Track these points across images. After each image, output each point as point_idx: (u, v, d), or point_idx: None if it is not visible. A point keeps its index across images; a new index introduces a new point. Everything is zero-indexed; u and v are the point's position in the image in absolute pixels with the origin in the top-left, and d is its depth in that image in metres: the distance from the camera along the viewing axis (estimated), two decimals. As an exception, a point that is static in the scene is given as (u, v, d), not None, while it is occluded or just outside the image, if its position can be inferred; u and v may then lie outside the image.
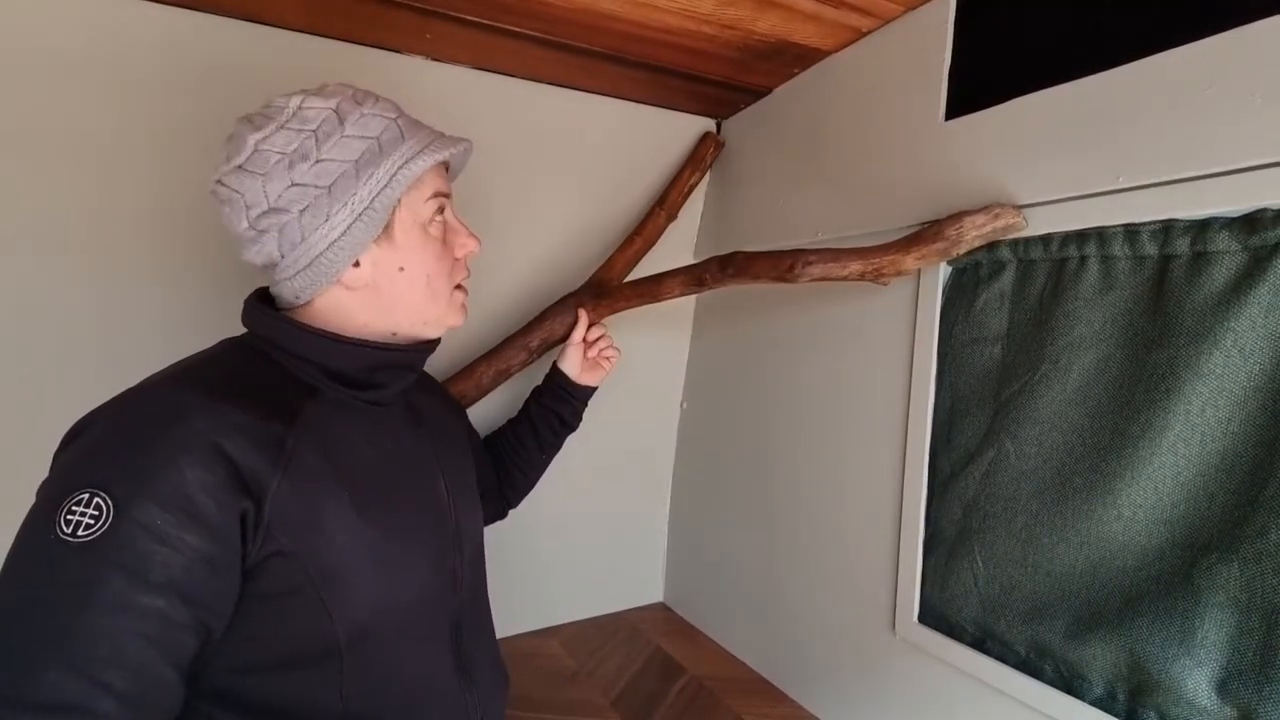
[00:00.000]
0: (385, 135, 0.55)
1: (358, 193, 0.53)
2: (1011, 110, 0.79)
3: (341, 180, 0.53)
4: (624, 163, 1.25)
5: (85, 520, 0.41)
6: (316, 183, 0.52)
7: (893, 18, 0.94)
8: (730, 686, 1.10)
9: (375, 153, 0.54)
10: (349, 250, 0.54)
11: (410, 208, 0.57)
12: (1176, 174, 0.63)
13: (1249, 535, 0.58)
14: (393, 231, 0.56)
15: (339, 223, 0.53)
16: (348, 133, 0.54)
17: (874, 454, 0.94)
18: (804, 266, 0.83)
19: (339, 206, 0.53)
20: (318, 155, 0.52)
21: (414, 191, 0.57)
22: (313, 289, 0.55)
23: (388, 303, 0.58)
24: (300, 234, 0.52)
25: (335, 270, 0.54)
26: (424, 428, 0.66)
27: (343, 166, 0.53)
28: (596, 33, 0.95)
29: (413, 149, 0.56)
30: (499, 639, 0.75)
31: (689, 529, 1.37)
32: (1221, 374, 0.61)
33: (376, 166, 0.54)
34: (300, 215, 0.52)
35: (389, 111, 0.57)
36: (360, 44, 0.97)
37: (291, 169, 0.52)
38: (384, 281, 0.57)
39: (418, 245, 0.58)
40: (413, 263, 0.58)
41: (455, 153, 0.59)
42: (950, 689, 0.81)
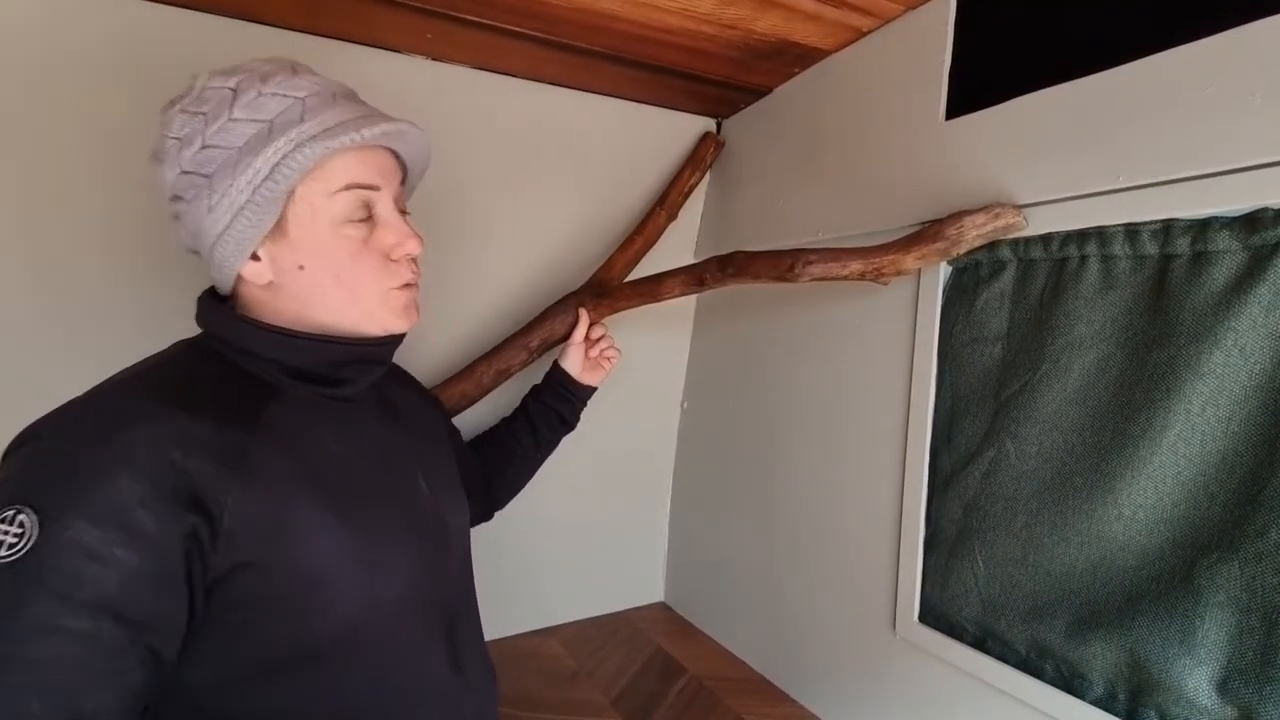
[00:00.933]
0: (281, 117, 0.49)
1: (234, 182, 0.48)
2: (1012, 110, 0.79)
3: (222, 169, 0.48)
4: (624, 162, 1.25)
5: (8, 539, 0.38)
6: (200, 170, 0.48)
7: (893, 17, 0.94)
8: (731, 686, 1.10)
9: (263, 137, 0.48)
10: (236, 245, 0.50)
11: (307, 200, 0.50)
12: (1177, 173, 0.63)
13: (1249, 535, 0.58)
14: (286, 225, 0.51)
15: (221, 216, 0.49)
16: (235, 115, 0.48)
17: (874, 453, 0.94)
18: (804, 266, 0.83)
19: (217, 198, 0.48)
20: (203, 140, 0.48)
21: (314, 183, 0.50)
22: (224, 282, 0.53)
23: (299, 301, 0.53)
24: (195, 224, 0.50)
25: (230, 264, 0.51)
26: (399, 421, 0.63)
27: (224, 154, 0.48)
28: (596, 32, 0.95)
29: (307, 132, 0.49)
30: (499, 639, 0.76)
31: (689, 528, 1.37)
32: (1222, 373, 0.61)
33: (255, 155, 0.48)
34: (190, 205, 0.49)
35: (299, 89, 0.50)
36: (360, 44, 0.97)
37: (180, 155, 0.49)
38: (285, 280, 0.52)
39: (322, 243, 0.52)
40: (314, 262, 0.52)
41: (368, 136, 0.50)
42: (951, 688, 0.81)
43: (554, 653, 1.20)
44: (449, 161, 1.09)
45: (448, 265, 1.12)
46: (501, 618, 1.24)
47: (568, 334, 1.00)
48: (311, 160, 0.49)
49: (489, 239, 1.15)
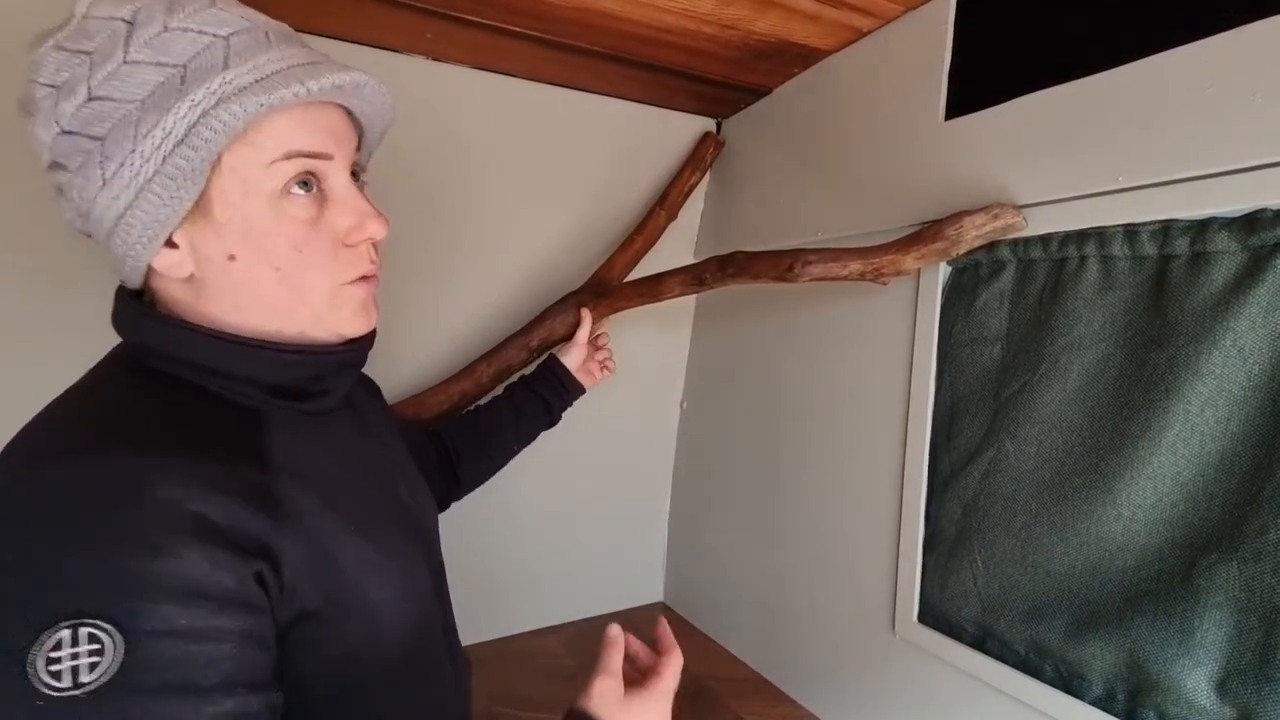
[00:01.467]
0: (198, 60, 0.37)
1: (137, 147, 0.36)
2: (1011, 110, 0.79)
3: (118, 130, 0.36)
4: (624, 162, 1.25)
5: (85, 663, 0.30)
6: (86, 130, 0.36)
7: (893, 17, 0.94)
8: (730, 686, 1.10)
9: (173, 88, 0.36)
10: (144, 229, 0.38)
11: (238, 172, 0.39)
12: (1176, 174, 0.63)
13: (1248, 535, 0.58)
14: (209, 204, 0.39)
15: (119, 191, 0.37)
16: (133, 56, 0.36)
17: (874, 454, 0.94)
18: (804, 266, 0.83)
19: (114, 167, 0.36)
20: (88, 90, 0.36)
21: (244, 148, 0.38)
22: (130, 276, 0.41)
23: (230, 300, 0.41)
24: (84, 201, 0.38)
25: (136, 254, 0.39)
26: (369, 427, 0.56)
27: (120, 108, 0.36)
28: (596, 32, 0.95)
29: (235, 82, 0.37)
30: (500, 638, 0.76)
31: (689, 528, 1.37)
32: (1221, 374, 0.61)
33: (165, 111, 0.36)
34: (76, 176, 0.37)
35: (221, 24, 0.38)
36: (360, 44, 0.97)
37: (57, 108, 0.36)
38: (210, 273, 0.40)
39: (258, 226, 0.40)
40: (248, 250, 0.40)
41: (315, 89, 0.39)
42: (950, 688, 0.81)
43: (554, 652, 1.20)
44: (449, 162, 1.09)
45: (448, 265, 1.12)
46: (501, 617, 1.24)
47: (568, 334, 1.00)
48: (242, 119, 0.37)
49: (489, 239, 1.15)
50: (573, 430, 1.01)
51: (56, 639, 0.30)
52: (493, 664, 1.14)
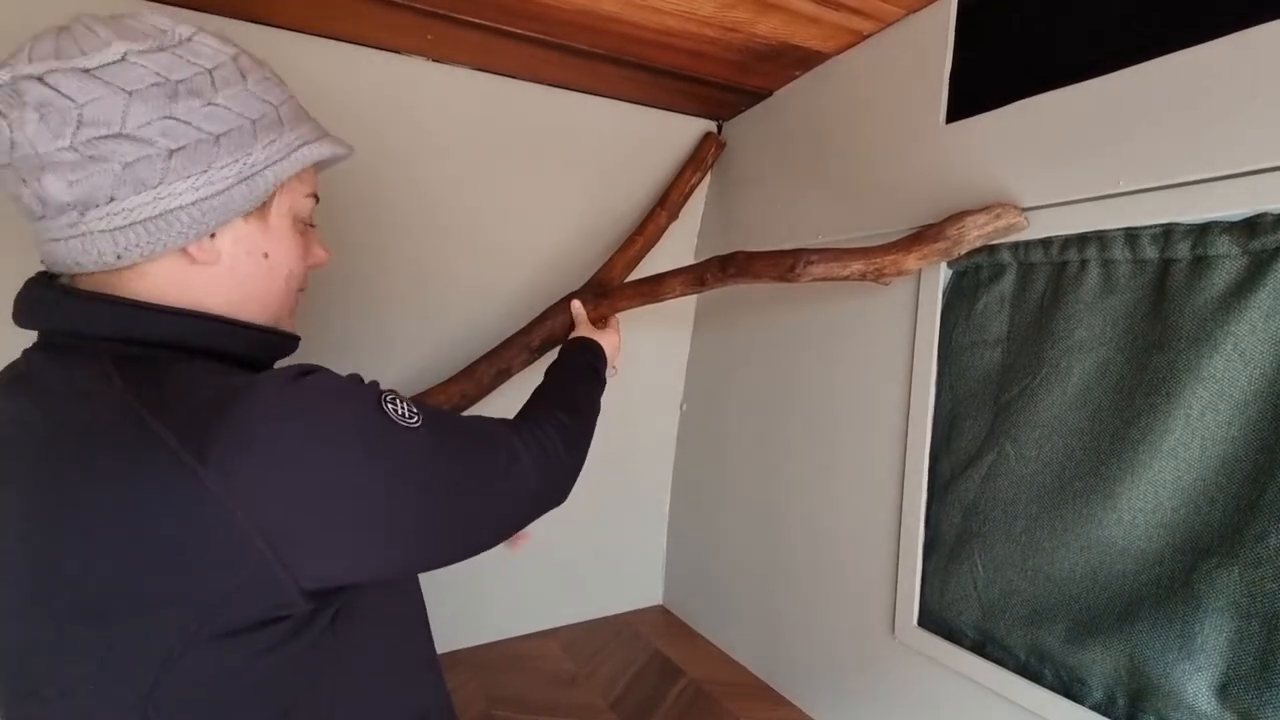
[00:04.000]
0: (285, 108, 0.50)
1: (253, 154, 0.47)
2: (1012, 113, 0.79)
3: (235, 134, 0.46)
4: (625, 164, 1.25)
5: (405, 411, 0.46)
6: (204, 126, 0.44)
7: (894, 20, 0.94)
8: (729, 689, 1.10)
9: (276, 121, 0.48)
10: (216, 214, 0.46)
11: (291, 195, 0.52)
12: (1177, 178, 0.63)
13: (1249, 540, 0.58)
14: (269, 212, 0.50)
15: (219, 179, 0.45)
16: (250, 88, 0.47)
17: (874, 457, 0.94)
18: (805, 266, 0.83)
19: (227, 160, 0.45)
20: (212, 98, 0.45)
21: (297, 181, 0.52)
22: (145, 249, 0.44)
23: (242, 287, 0.50)
24: (159, 176, 0.43)
25: (188, 233, 0.45)
26: None
27: (240, 120, 0.46)
28: (597, 34, 0.95)
29: (314, 132, 0.52)
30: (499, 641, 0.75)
31: (688, 531, 1.36)
32: (1222, 378, 0.61)
33: (278, 135, 0.48)
34: (169, 156, 0.43)
35: (284, 87, 0.51)
36: (360, 44, 0.97)
37: (174, 100, 0.43)
38: (243, 263, 0.49)
39: (288, 237, 0.52)
40: (279, 253, 0.52)
41: (346, 153, 0.55)
42: (950, 693, 0.81)
43: (553, 655, 1.20)
44: (450, 162, 1.09)
45: (448, 266, 1.12)
46: (501, 620, 1.24)
47: (568, 334, 1.00)
48: (315, 158, 0.51)
49: (490, 239, 1.15)
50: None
51: (394, 402, 0.45)
52: (492, 667, 1.14)
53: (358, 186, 1.00)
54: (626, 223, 1.25)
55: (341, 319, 1.03)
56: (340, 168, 0.58)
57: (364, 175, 1.01)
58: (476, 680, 1.09)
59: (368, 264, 1.04)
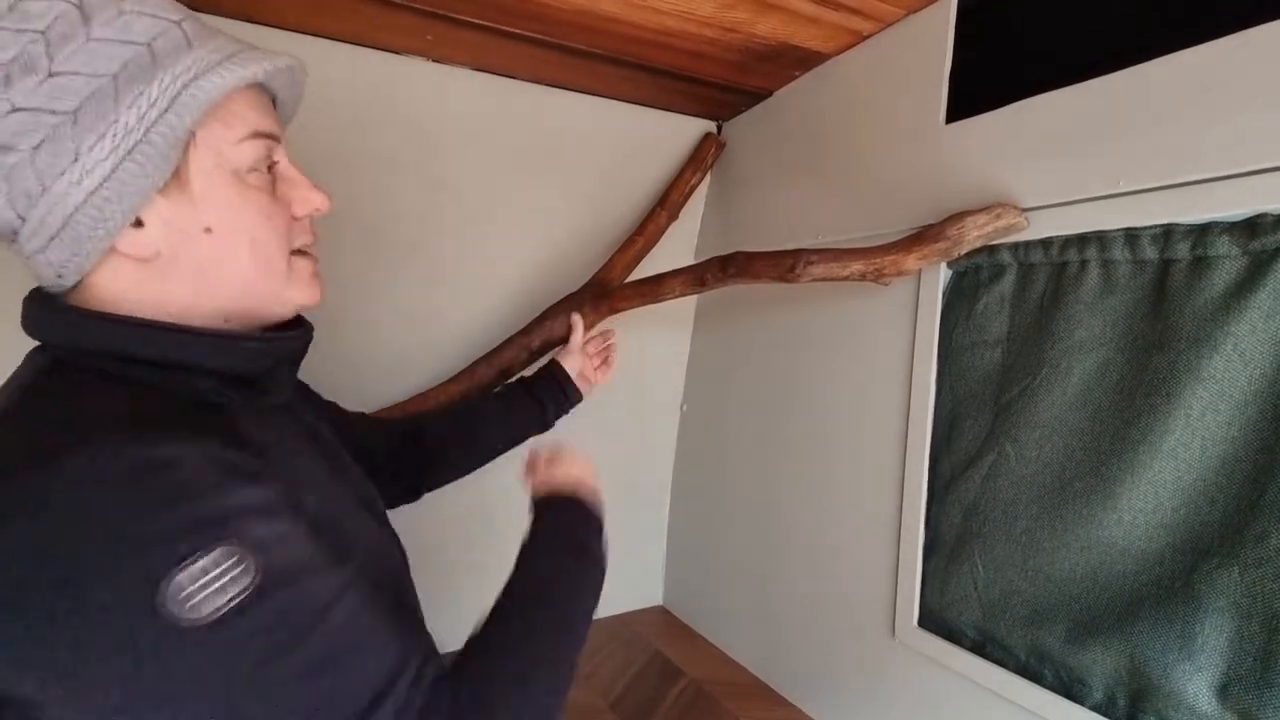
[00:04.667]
0: (160, 41, 0.39)
1: (120, 118, 0.37)
2: (1012, 114, 0.79)
3: (93, 101, 0.37)
4: (625, 164, 1.25)
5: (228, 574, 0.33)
6: (52, 106, 0.36)
7: (893, 21, 0.94)
8: (729, 690, 1.10)
9: (146, 64, 0.38)
10: (121, 202, 0.38)
11: (212, 146, 0.41)
12: (1177, 178, 0.63)
13: (1249, 540, 0.58)
14: (186, 177, 0.40)
15: (95, 162, 0.37)
16: (96, 34, 0.37)
17: (874, 457, 0.94)
18: (805, 266, 0.83)
19: (92, 138, 0.37)
20: (50, 65, 0.36)
21: (216, 125, 0.41)
22: (79, 263, 0.39)
23: (200, 276, 0.42)
24: (38, 182, 0.37)
25: (105, 232, 0.38)
26: (302, 423, 0.54)
27: (94, 82, 0.37)
28: (597, 35, 0.95)
29: (206, 60, 0.40)
30: None
31: (688, 531, 1.36)
32: (1222, 378, 0.61)
33: (147, 82, 0.38)
34: (34, 154, 0.36)
35: (169, 11, 0.40)
36: (360, 45, 0.97)
37: (8, 85, 0.36)
38: (184, 249, 0.41)
39: (231, 198, 0.42)
40: (226, 221, 0.42)
41: (272, 69, 0.43)
42: (950, 693, 0.81)
43: (552, 655, 1.20)
44: (450, 162, 1.09)
45: (448, 266, 1.12)
46: (499, 620, 1.24)
47: (568, 335, 1.00)
48: (220, 92, 0.40)
49: (490, 240, 1.15)
50: (572, 433, 1.01)
51: (197, 561, 0.32)
52: (491, 667, 1.14)
53: (357, 186, 0.99)
54: (626, 223, 1.25)
55: (339, 319, 1.03)
56: (340, 167, 0.55)
57: (363, 175, 1.01)
58: (476, 681, 1.09)
59: (366, 264, 1.04)
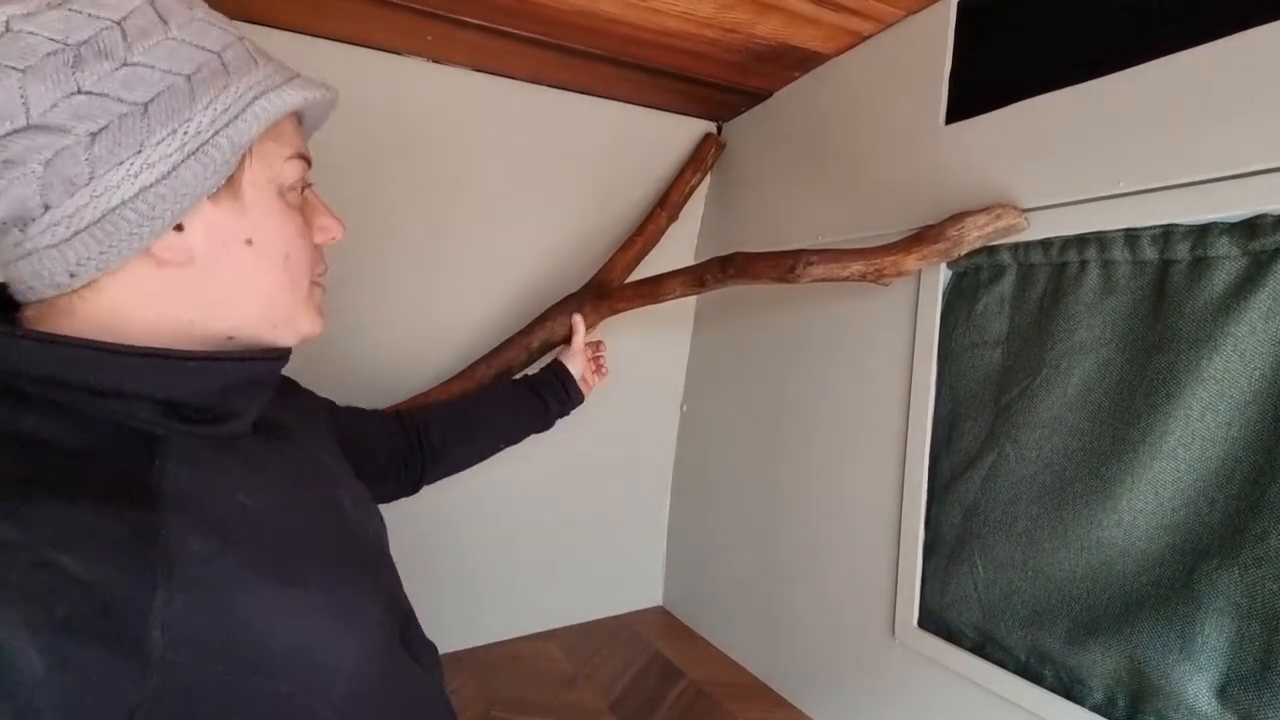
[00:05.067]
0: (230, 53, 0.39)
1: (193, 118, 0.36)
2: (1012, 114, 0.79)
3: (166, 97, 0.36)
4: (624, 164, 1.25)
5: None
6: (123, 94, 0.35)
7: (893, 22, 0.94)
8: (729, 690, 1.10)
9: (218, 70, 0.38)
10: (170, 203, 0.36)
11: (265, 161, 0.41)
12: (1177, 179, 0.63)
13: (1249, 540, 0.58)
14: (240, 187, 0.40)
15: (160, 157, 0.35)
16: (174, 34, 0.37)
17: (874, 457, 0.94)
18: (805, 266, 0.83)
19: (162, 133, 0.35)
20: (126, 56, 0.35)
21: (269, 141, 0.41)
22: (105, 260, 0.36)
23: (227, 290, 0.41)
24: (88, 170, 0.34)
25: (149, 230, 0.36)
26: (294, 441, 0.50)
27: (169, 79, 0.36)
28: (597, 35, 0.95)
29: (272, 78, 0.40)
30: (498, 642, 0.74)
31: (688, 532, 1.36)
32: (1221, 379, 0.61)
33: (222, 88, 0.37)
34: (91, 140, 0.34)
35: (232, 26, 0.41)
36: (360, 45, 0.97)
37: (78, 68, 0.34)
38: (222, 257, 0.40)
39: (275, 213, 0.42)
40: (266, 234, 0.42)
41: (322, 98, 0.43)
42: (950, 694, 0.81)
43: (552, 656, 1.19)
44: (450, 163, 1.09)
45: (449, 266, 1.12)
46: (500, 621, 1.24)
47: (568, 335, 1.00)
48: (285, 109, 0.40)
49: (490, 240, 1.15)
50: (572, 433, 1.01)
51: None
52: (491, 668, 1.13)
53: (357, 187, 1.00)
54: (626, 223, 1.25)
55: (339, 320, 1.03)
56: (339, 167, 0.55)
57: (363, 175, 1.01)
58: (475, 681, 1.09)
59: (365, 265, 1.04)
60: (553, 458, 1.21)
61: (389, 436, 0.75)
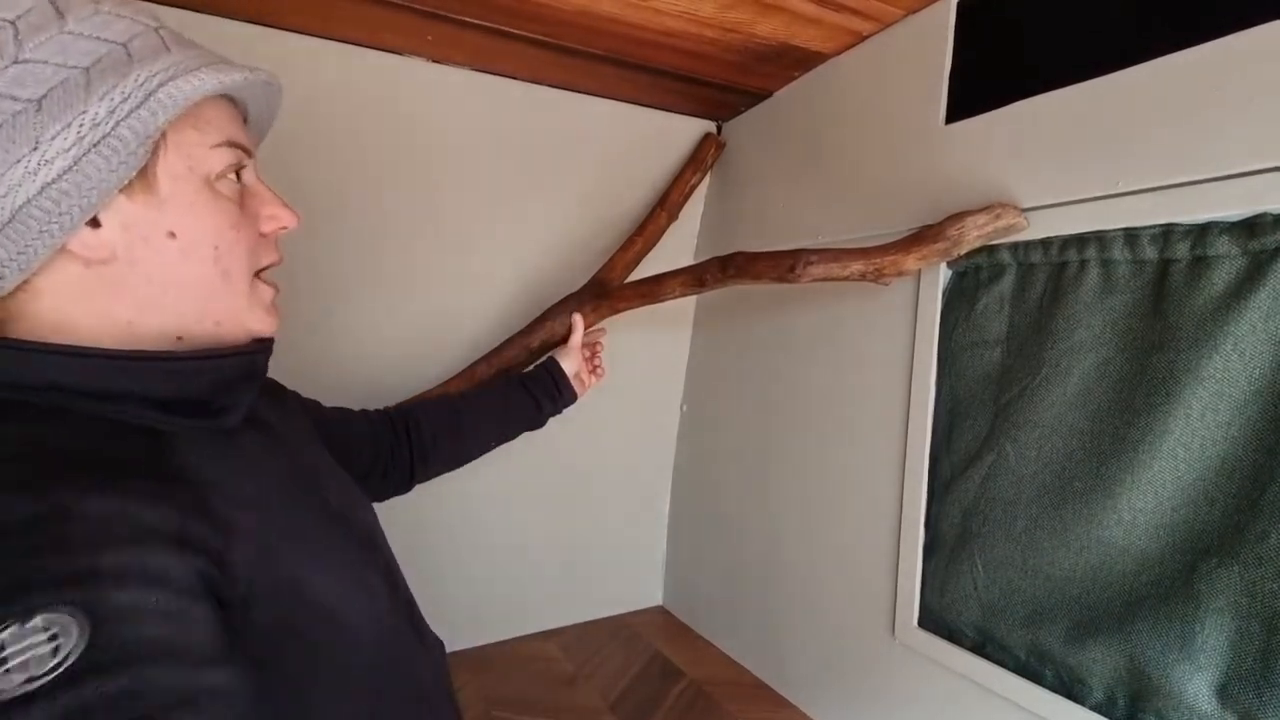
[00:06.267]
0: (138, 42, 0.38)
1: (89, 109, 0.36)
2: (1012, 114, 0.79)
3: (61, 90, 0.36)
4: (624, 164, 1.25)
5: (36, 652, 0.27)
6: (15, 92, 0.35)
7: (893, 21, 0.94)
8: (729, 690, 1.10)
9: (121, 60, 0.37)
10: (77, 197, 0.36)
11: (184, 150, 0.40)
12: (1176, 178, 0.64)
13: (1249, 540, 0.58)
14: (154, 178, 0.39)
15: (57, 152, 0.35)
16: (71, 28, 0.36)
17: (874, 457, 0.94)
18: (805, 266, 0.83)
19: (56, 127, 0.35)
20: (18, 53, 0.35)
21: (188, 129, 0.40)
22: (24, 260, 0.36)
23: (156, 285, 0.40)
24: None
25: (58, 228, 0.36)
26: (278, 439, 0.51)
27: (63, 72, 0.36)
28: (597, 35, 0.96)
29: (184, 64, 0.39)
30: (498, 642, 0.74)
31: (688, 532, 1.36)
32: (1221, 378, 0.61)
33: (122, 77, 0.37)
34: None
35: (146, 16, 0.40)
36: (360, 45, 0.97)
37: None
38: (144, 252, 0.39)
39: (200, 203, 0.41)
40: (189, 226, 0.41)
41: (247, 79, 0.42)
42: (950, 693, 0.81)
43: (552, 656, 1.20)
44: (450, 163, 1.09)
45: (448, 266, 1.12)
46: (500, 621, 1.24)
47: (568, 335, 1.00)
48: (197, 94, 0.39)
49: (490, 240, 1.15)
50: (572, 433, 1.01)
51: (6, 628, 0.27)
52: (492, 668, 1.14)
53: (357, 187, 1.00)
54: (626, 223, 1.25)
55: (338, 320, 1.03)
56: (339, 167, 0.54)
57: (363, 175, 1.01)
58: (476, 681, 1.09)
59: (365, 264, 1.04)
60: (553, 458, 1.22)
61: (375, 433, 0.75)
